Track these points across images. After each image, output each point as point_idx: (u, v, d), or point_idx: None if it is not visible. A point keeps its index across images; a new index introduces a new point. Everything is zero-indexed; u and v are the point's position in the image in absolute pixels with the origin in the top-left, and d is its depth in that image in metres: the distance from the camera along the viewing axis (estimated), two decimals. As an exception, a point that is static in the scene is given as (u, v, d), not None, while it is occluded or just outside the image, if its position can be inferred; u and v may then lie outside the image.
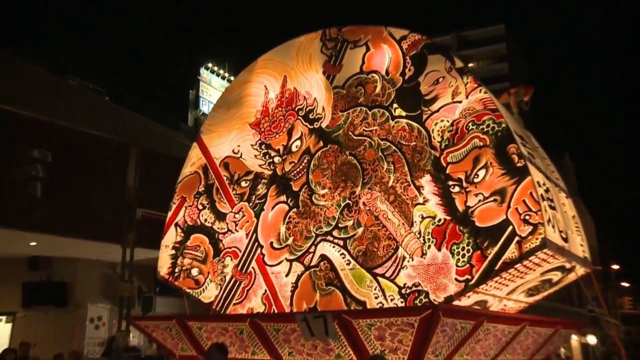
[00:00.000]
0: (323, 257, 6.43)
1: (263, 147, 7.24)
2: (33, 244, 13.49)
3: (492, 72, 54.63)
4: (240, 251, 7.05)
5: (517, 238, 5.34)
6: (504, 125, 5.69)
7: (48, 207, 11.96)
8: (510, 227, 5.39)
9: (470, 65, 57.31)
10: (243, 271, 6.95)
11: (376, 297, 6.00)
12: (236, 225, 7.17)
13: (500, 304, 6.50)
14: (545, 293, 7.06)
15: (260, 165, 7.22)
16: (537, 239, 5.27)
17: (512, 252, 5.34)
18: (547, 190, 5.89)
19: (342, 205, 6.45)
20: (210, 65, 43.72)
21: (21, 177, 11.23)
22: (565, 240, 5.96)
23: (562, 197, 6.70)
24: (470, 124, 5.87)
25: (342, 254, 6.32)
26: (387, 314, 4.88)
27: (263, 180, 7.14)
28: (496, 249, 5.42)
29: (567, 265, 6.22)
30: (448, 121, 6.01)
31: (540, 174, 5.95)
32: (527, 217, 5.36)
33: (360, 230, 6.26)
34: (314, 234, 6.56)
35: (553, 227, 5.60)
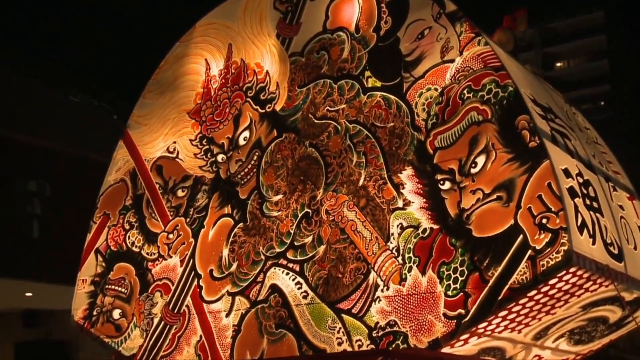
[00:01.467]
0: (274, 289, 5.62)
1: (204, 142, 6.54)
2: (28, 294, 13.16)
3: (588, 71, 52.55)
4: (172, 284, 6.33)
5: (529, 252, 4.40)
6: (511, 88, 4.78)
7: (46, 250, 11.68)
8: (521, 237, 4.43)
9: (558, 65, 55.36)
10: (175, 311, 6.21)
11: (340, 343, 5.13)
12: (169, 248, 6.45)
13: (530, 354, 5.52)
14: (605, 339, 6.03)
15: (200, 167, 6.51)
16: (558, 252, 4.32)
17: (522, 273, 4.39)
18: (585, 184, 4.93)
19: (300, 215, 5.65)
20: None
21: (15, 215, 11.05)
22: (618, 257, 4.96)
23: (620, 198, 5.71)
24: (465, 91, 4.98)
25: (298, 283, 5.50)
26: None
27: (204, 187, 6.42)
28: (500, 269, 4.49)
29: (627, 296, 5.22)
30: (436, 89, 5.15)
31: (574, 161, 4.98)
32: (543, 221, 4.41)
33: (321, 249, 5.43)
34: (263, 257, 5.78)
35: (591, 235, 4.62)
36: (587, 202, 4.79)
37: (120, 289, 6.65)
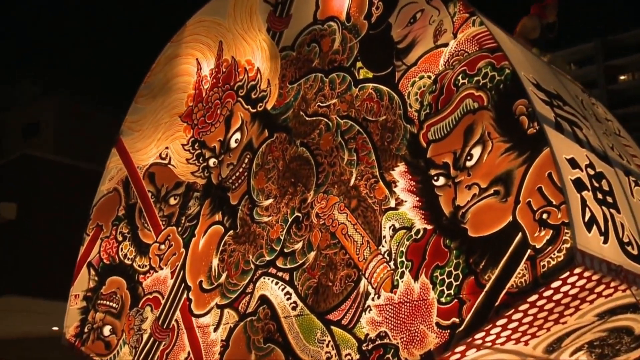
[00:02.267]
0: (263, 300, 5.28)
1: (196, 146, 6.27)
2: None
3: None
4: (163, 297, 6.05)
5: (529, 251, 3.97)
6: (507, 71, 4.37)
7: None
8: (519, 235, 4.01)
9: (622, 78, 53.40)
10: (164, 326, 5.91)
11: (329, 358, 4.75)
12: (160, 260, 6.17)
13: (545, 369, 5.03)
14: (633, 354, 5.48)
15: (192, 173, 6.23)
16: (560, 250, 3.88)
17: (521, 275, 3.96)
18: (597, 177, 4.46)
19: (290, 220, 5.31)
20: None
21: (78, 240, 11.39)
22: (638, 258, 4.47)
23: (643, 194, 5.21)
24: (459, 77, 4.59)
25: (287, 293, 5.14)
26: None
27: (195, 194, 6.14)
28: (497, 271, 4.06)
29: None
30: (429, 77, 4.78)
31: (584, 150, 4.52)
32: (544, 216, 3.97)
33: (311, 255, 5.07)
34: (252, 266, 5.45)
35: (602, 233, 4.16)
36: (599, 196, 4.33)
37: (111, 304, 6.38)
